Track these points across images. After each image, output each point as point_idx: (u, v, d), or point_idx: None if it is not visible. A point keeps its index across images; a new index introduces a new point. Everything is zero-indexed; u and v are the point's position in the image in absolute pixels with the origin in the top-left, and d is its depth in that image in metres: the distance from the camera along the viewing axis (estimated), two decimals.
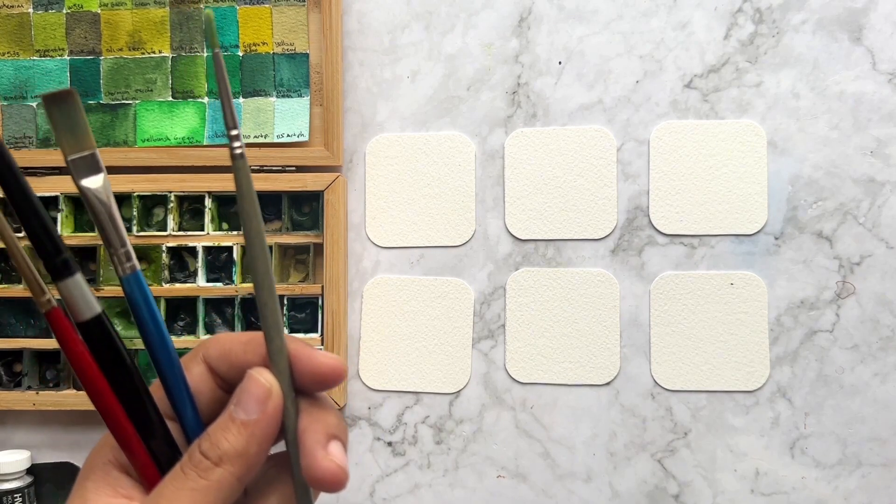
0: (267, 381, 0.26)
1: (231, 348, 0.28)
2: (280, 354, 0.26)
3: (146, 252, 0.69)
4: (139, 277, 0.26)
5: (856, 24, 0.67)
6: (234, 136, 0.26)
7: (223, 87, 0.26)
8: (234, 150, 0.26)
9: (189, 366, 0.28)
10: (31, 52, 0.70)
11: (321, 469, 0.25)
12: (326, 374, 0.26)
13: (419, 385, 0.70)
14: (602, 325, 0.68)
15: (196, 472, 0.25)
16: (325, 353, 0.27)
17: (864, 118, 0.67)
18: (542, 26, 0.69)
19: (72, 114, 0.25)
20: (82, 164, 0.26)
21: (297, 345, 0.27)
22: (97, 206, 0.26)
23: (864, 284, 0.67)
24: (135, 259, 0.26)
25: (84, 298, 0.25)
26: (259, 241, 0.26)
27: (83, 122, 0.25)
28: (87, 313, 0.25)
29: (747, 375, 0.67)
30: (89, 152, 0.26)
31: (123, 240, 0.26)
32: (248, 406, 0.25)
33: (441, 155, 0.70)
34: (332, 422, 0.26)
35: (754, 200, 0.67)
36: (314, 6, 0.68)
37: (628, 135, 0.69)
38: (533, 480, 0.69)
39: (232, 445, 0.25)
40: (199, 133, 0.69)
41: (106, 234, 0.26)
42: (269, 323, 0.26)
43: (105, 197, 0.26)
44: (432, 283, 0.70)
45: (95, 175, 0.26)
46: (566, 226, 0.69)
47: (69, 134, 0.25)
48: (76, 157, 0.25)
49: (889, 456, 0.67)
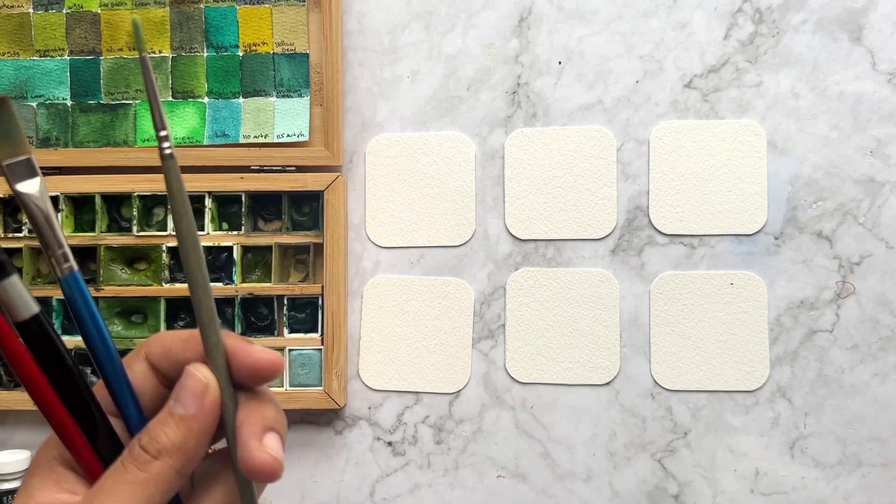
0: (204, 376, 0.27)
1: (171, 346, 0.28)
2: (217, 350, 0.27)
3: (146, 252, 0.69)
4: (77, 278, 0.27)
5: (856, 24, 0.67)
6: (164, 136, 0.26)
7: (151, 90, 0.26)
8: (164, 150, 0.26)
9: (132, 364, 0.29)
10: (31, 52, 0.70)
11: (255, 460, 0.26)
12: (263, 368, 0.27)
13: (419, 385, 0.70)
14: (602, 325, 0.68)
15: (135, 465, 0.25)
16: (261, 348, 0.27)
17: (863, 118, 0.67)
18: (542, 26, 0.69)
19: (5, 120, 0.26)
20: (18, 169, 0.26)
21: (234, 340, 0.28)
22: (33, 209, 0.26)
23: (863, 284, 0.67)
24: (72, 260, 0.27)
25: (21, 299, 0.25)
26: (191, 239, 0.27)
27: (18, 128, 0.26)
28: (24, 313, 0.26)
29: (747, 375, 0.67)
30: (24, 157, 0.26)
31: (60, 241, 0.27)
32: (186, 401, 0.26)
33: (441, 155, 0.70)
34: (269, 414, 0.27)
35: (754, 200, 0.67)
36: (314, 6, 0.68)
37: (628, 135, 0.69)
38: (533, 480, 0.69)
39: (170, 439, 0.26)
40: (199, 133, 0.69)
41: (43, 236, 0.26)
42: (205, 320, 0.27)
43: (41, 200, 0.26)
44: (432, 283, 0.70)
45: (31, 179, 0.26)
46: (566, 226, 0.69)
47: (4, 139, 0.26)
48: (11, 161, 0.26)
49: (889, 456, 0.67)
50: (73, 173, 0.69)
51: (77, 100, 0.70)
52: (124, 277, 0.69)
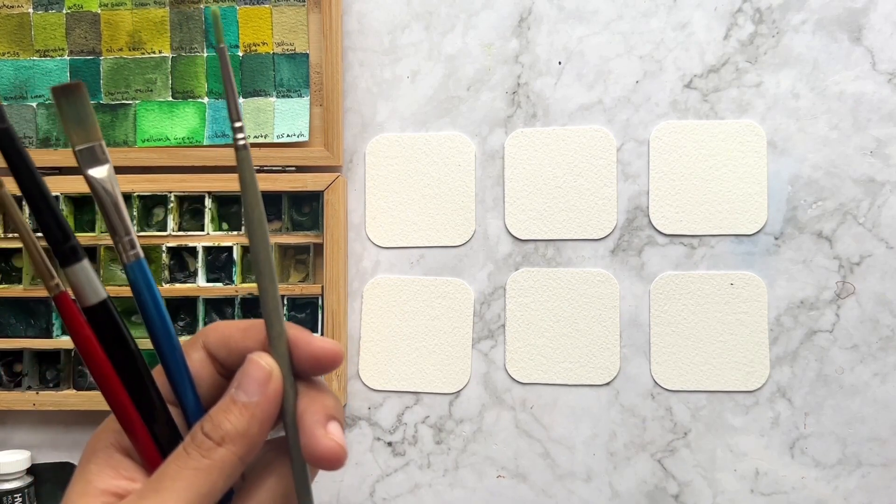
0: (268, 364, 0.27)
1: (230, 334, 0.29)
2: (280, 339, 0.27)
3: (146, 252, 0.69)
4: (143, 265, 0.27)
5: (856, 24, 0.67)
6: (238, 128, 0.27)
7: (228, 81, 0.27)
8: (238, 141, 0.27)
9: (189, 352, 0.29)
10: (31, 52, 0.70)
11: (322, 447, 0.26)
12: (324, 358, 0.27)
13: (419, 385, 0.70)
14: (602, 325, 0.68)
15: (199, 451, 0.25)
16: (323, 339, 0.28)
17: (863, 118, 0.67)
18: (542, 26, 0.69)
19: (80, 106, 0.26)
20: (89, 155, 0.27)
21: (295, 330, 0.28)
22: (103, 194, 0.27)
23: (863, 284, 0.67)
24: (139, 247, 0.27)
25: (91, 284, 0.26)
26: (261, 230, 0.28)
27: (91, 115, 0.26)
28: (93, 298, 0.26)
29: (747, 375, 0.67)
30: (96, 143, 0.27)
31: (128, 228, 0.27)
32: (250, 388, 0.26)
33: (441, 155, 0.70)
34: (329, 403, 0.27)
35: (754, 200, 0.67)
36: (314, 6, 0.68)
37: (628, 135, 0.69)
38: (533, 480, 0.69)
39: (234, 426, 0.26)
40: (199, 133, 0.69)
41: (111, 222, 0.27)
42: (270, 308, 0.27)
43: (110, 186, 0.27)
44: (432, 283, 0.70)
45: (101, 165, 0.27)
46: (566, 226, 0.69)
47: (77, 125, 0.26)
48: (83, 147, 0.26)
49: (889, 456, 0.67)
50: (73, 173, 0.69)
51: None
52: (124, 277, 0.69)
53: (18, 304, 0.69)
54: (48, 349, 0.69)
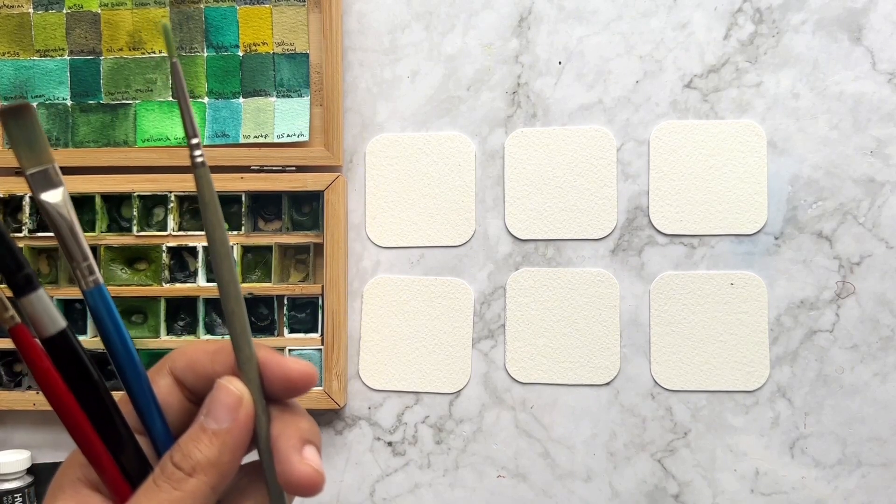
0: (237, 389, 0.26)
1: (198, 359, 0.28)
2: (250, 362, 0.26)
3: (146, 252, 0.69)
4: (103, 291, 0.26)
5: (855, 24, 0.67)
6: (195, 144, 0.25)
7: (182, 97, 0.25)
8: (195, 158, 0.26)
9: (156, 379, 0.28)
10: (32, 52, 0.70)
11: (298, 473, 0.25)
12: (296, 380, 0.26)
13: (419, 385, 0.70)
14: (602, 325, 0.68)
15: (169, 483, 0.25)
16: (294, 360, 0.27)
17: (863, 118, 0.67)
18: (542, 26, 0.69)
19: (29, 128, 0.25)
20: (41, 179, 0.25)
21: (265, 352, 0.27)
22: (58, 220, 0.25)
23: (863, 284, 0.67)
24: (97, 272, 0.26)
25: (48, 314, 0.25)
26: (224, 249, 0.26)
27: (41, 136, 0.25)
28: (51, 329, 0.25)
29: (747, 375, 0.67)
30: (48, 166, 0.25)
31: (85, 253, 0.26)
32: (219, 415, 0.25)
33: (441, 155, 0.70)
34: (305, 426, 0.26)
35: (754, 200, 0.67)
36: (314, 6, 0.68)
37: (628, 135, 0.69)
38: (533, 480, 0.69)
39: (204, 455, 0.25)
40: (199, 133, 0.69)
41: (68, 248, 0.26)
42: (238, 331, 0.26)
43: (65, 210, 0.25)
44: (432, 283, 0.70)
45: (55, 189, 0.26)
46: (566, 226, 0.69)
47: (27, 148, 0.25)
48: (35, 171, 0.25)
49: (889, 456, 0.67)
50: (73, 173, 0.69)
51: (77, 100, 0.70)
52: (124, 277, 0.69)
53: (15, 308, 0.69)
54: None
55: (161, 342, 0.68)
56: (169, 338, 0.68)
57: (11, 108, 0.25)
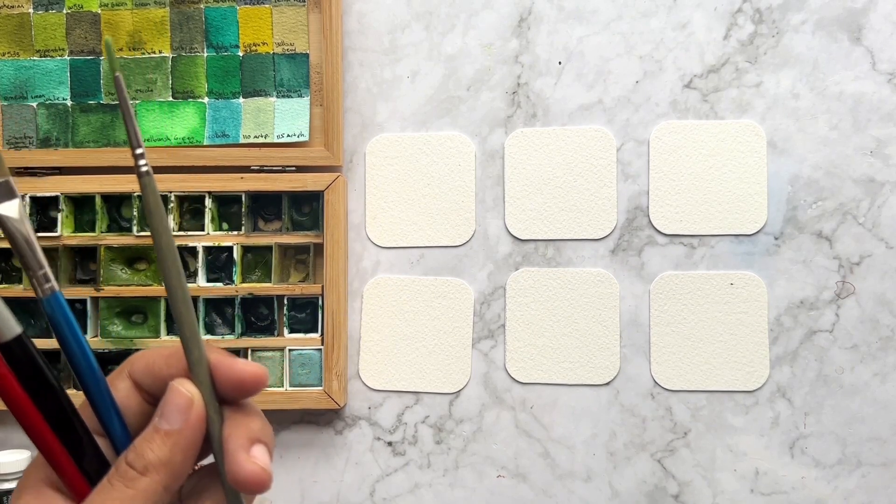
0: (188, 391, 0.27)
1: (154, 362, 0.28)
2: (200, 365, 0.27)
3: (146, 252, 0.69)
4: (59, 298, 0.27)
5: (855, 24, 0.67)
6: (140, 154, 0.26)
7: (125, 108, 0.26)
8: (140, 167, 0.26)
9: (115, 383, 0.29)
10: (32, 52, 0.70)
11: (243, 472, 0.26)
12: (247, 381, 0.27)
13: (419, 385, 0.70)
14: (602, 325, 0.68)
15: (122, 482, 0.26)
16: (245, 362, 0.28)
17: (863, 118, 0.67)
18: (542, 26, 0.69)
19: None
20: None
21: (217, 354, 0.28)
22: (13, 231, 0.26)
23: (863, 284, 0.67)
24: (53, 280, 0.26)
25: (3, 320, 0.25)
26: (170, 254, 0.27)
27: None
28: (7, 335, 0.25)
29: (747, 375, 0.67)
30: (2, 179, 0.26)
31: (41, 262, 0.26)
32: (171, 416, 0.26)
33: (441, 155, 0.70)
34: (255, 426, 0.27)
35: (754, 200, 0.67)
36: (314, 6, 0.68)
37: (628, 135, 0.69)
38: (533, 480, 0.69)
39: (156, 455, 0.26)
40: (199, 133, 0.69)
41: (24, 258, 0.26)
42: (187, 334, 0.27)
43: (20, 222, 0.26)
44: (432, 283, 0.70)
45: (10, 201, 0.26)
46: (566, 226, 0.69)
47: None
48: None
49: (889, 456, 0.67)
50: (73, 173, 0.69)
51: (77, 100, 0.70)
52: (124, 277, 0.69)
53: (18, 304, 0.69)
54: (48, 349, 0.69)
55: (161, 342, 0.68)
56: (169, 338, 0.68)
57: None
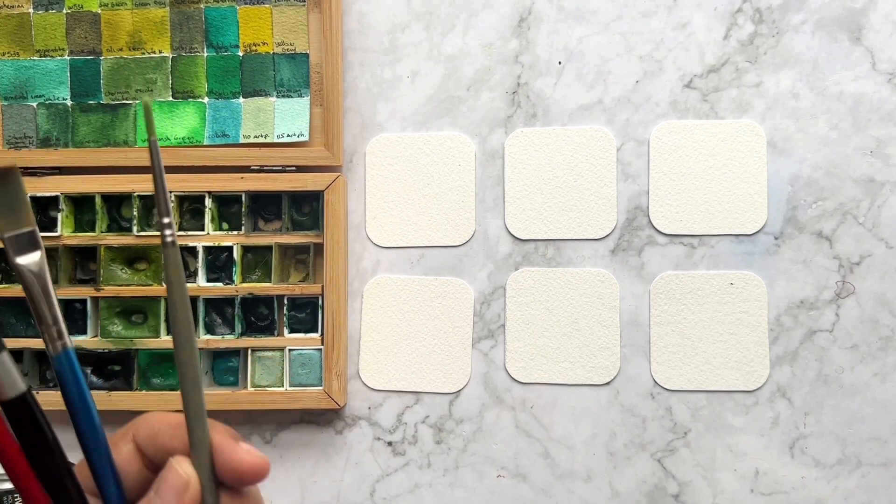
0: (185, 472, 0.26)
1: (159, 430, 0.28)
2: (201, 446, 0.26)
3: (146, 252, 0.69)
4: (70, 355, 0.26)
5: (855, 24, 0.67)
6: (167, 223, 0.26)
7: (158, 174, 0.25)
8: (166, 238, 0.26)
9: (118, 444, 0.28)
10: (32, 52, 0.70)
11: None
12: (246, 471, 0.26)
13: (419, 385, 0.70)
14: (602, 325, 0.68)
15: None
16: (248, 449, 0.27)
17: (863, 118, 0.67)
18: (542, 26, 0.69)
19: (12, 191, 0.25)
20: (20, 242, 0.25)
21: (221, 437, 0.27)
22: (32, 283, 0.25)
23: (863, 284, 0.67)
24: (66, 337, 0.26)
25: (9, 377, 0.25)
26: (186, 331, 0.26)
27: (24, 199, 0.25)
28: (11, 392, 0.25)
29: (747, 375, 0.67)
30: (28, 229, 0.25)
31: (56, 317, 0.26)
32: (166, 496, 0.26)
33: (441, 155, 0.70)
34: None
35: (754, 200, 0.67)
36: (314, 6, 0.68)
37: (628, 135, 0.69)
38: (533, 480, 0.69)
39: None
40: (199, 133, 0.69)
41: (39, 311, 0.26)
42: (192, 414, 0.26)
43: (40, 275, 0.26)
44: (432, 283, 0.70)
45: (33, 252, 0.25)
46: (566, 226, 0.69)
47: (8, 212, 0.25)
48: (13, 234, 0.25)
49: (889, 456, 0.67)
50: (73, 173, 0.69)
51: (77, 100, 0.70)
52: (124, 277, 0.69)
53: (18, 304, 0.69)
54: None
55: (161, 342, 0.68)
56: (169, 338, 0.68)
57: None
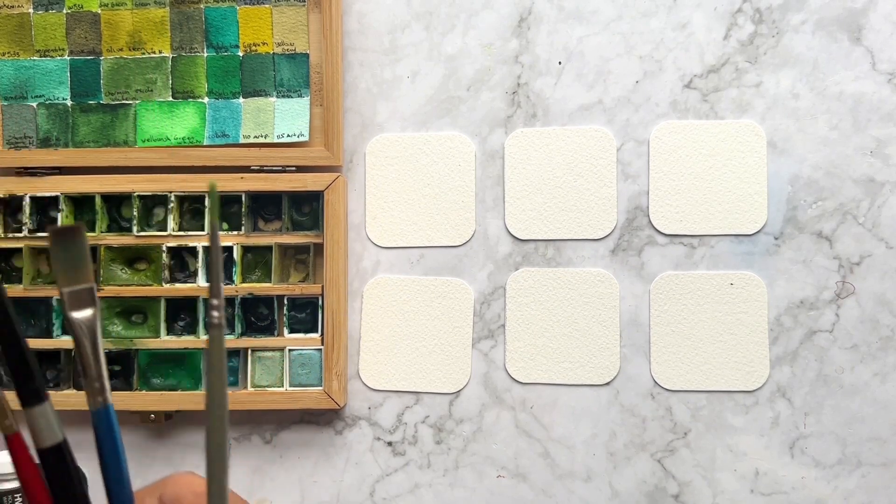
0: None
1: (184, 496, 0.28)
2: None
3: (146, 252, 0.69)
4: (110, 412, 0.27)
5: (855, 24, 0.67)
6: (216, 305, 0.26)
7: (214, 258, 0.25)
8: (213, 318, 0.26)
9: (144, 499, 0.28)
10: (32, 52, 0.70)
11: None
12: None
13: (419, 385, 0.70)
14: (602, 325, 0.68)
15: None
16: None
17: (863, 118, 0.67)
18: (542, 26, 0.69)
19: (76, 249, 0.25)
20: (77, 297, 0.26)
21: None
22: (84, 338, 0.26)
23: (863, 284, 0.67)
24: (108, 393, 0.26)
25: (49, 427, 0.26)
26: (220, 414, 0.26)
27: (86, 257, 0.25)
28: (48, 441, 0.26)
29: (747, 375, 0.67)
30: (87, 286, 0.26)
31: (101, 374, 0.26)
32: None
33: (441, 155, 0.70)
34: None
35: (754, 200, 0.67)
36: (314, 6, 0.68)
37: (628, 135, 0.69)
38: (533, 480, 0.69)
39: None
40: (199, 133, 0.69)
41: (86, 365, 0.26)
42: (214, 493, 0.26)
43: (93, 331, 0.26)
44: (432, 283, 0.70)
45: (87, 308, 0.26)
46: (566, 226, 0.69)
47: (70, 267, 0.25)
48: (73, 289, 0.26)
49: (889, 456, 0.67)
50: (73, 173, 0.69)
51: (77, 100, 0.70)
52: (124, 277, 0.69)
53: (18, 304, 0.69)
54: (48, 349, 0.69)
55: (161, 342, 0.68)
56: (169, 338, 0.68)
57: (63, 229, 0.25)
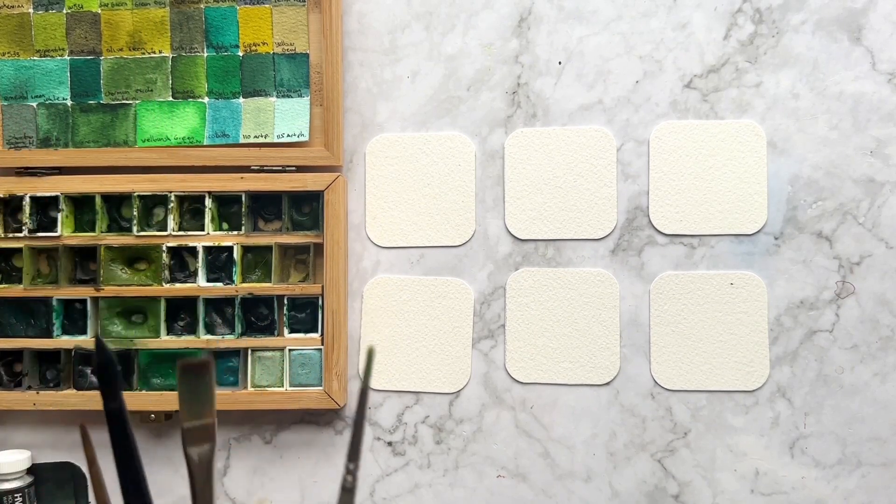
0: None
1: None
2: None
3: (146, 252, 0.69)
4: None
5: (855, 24, 0.67)
6: (351, 468, 0.26)
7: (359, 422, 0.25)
8: (346, 481, 0.26)
9: None
10: (32, 52, 0.70)
11: None
12: None
13: (419, 385, 0.70)
14: (602, 325, 0.68)
15: None
16: None
17: (863, 118, 0.67)
18: (542, 26, 0.69)
19: (203, 384, 0.25)
20: (198, 433, 0.26)
21: None
22: (199, 474, 0.26)
23: (863, 284, 0.67)
24: None
25: None
26: None
27: (211, 393, 0.26)
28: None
29: (747, 375, 0.67)
30: (209, 422, 0.26)
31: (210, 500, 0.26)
32: None
33: (441, 155, 0.70)
34: None
35: (754, 200, 0.67)
36: (314, 6, 0.68)
37: (628, 135, 0.69)
38: (533, 480, 0.69)
39: None
40: (199, 133, 0.69)
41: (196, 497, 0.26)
42: None
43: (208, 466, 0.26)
44: (432, 283, 0.70)
45: (205, 444, 0.26)
46: (566, 226, 0.69)
47: (196, 402, 0.25)
48: (194, 424, 0.26)
49: (889, 456, 0.67)
50: (73, 173, 0.69)
51: (77, 100, 0.70)
52: (124, 277, 0.69)
53: (18, 304, 0.69)
54: (48, 349, 0.69)
55: (161, 342, 0.68)
56: (169, 338, 0.68)
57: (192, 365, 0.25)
